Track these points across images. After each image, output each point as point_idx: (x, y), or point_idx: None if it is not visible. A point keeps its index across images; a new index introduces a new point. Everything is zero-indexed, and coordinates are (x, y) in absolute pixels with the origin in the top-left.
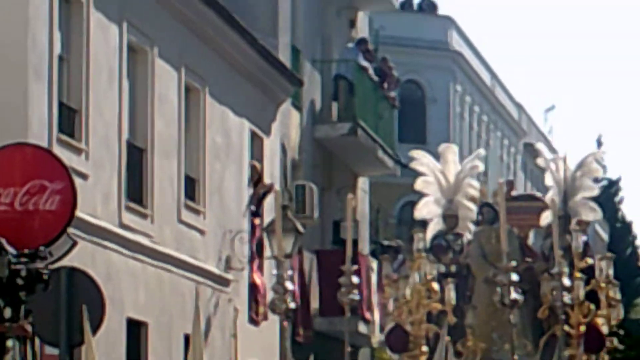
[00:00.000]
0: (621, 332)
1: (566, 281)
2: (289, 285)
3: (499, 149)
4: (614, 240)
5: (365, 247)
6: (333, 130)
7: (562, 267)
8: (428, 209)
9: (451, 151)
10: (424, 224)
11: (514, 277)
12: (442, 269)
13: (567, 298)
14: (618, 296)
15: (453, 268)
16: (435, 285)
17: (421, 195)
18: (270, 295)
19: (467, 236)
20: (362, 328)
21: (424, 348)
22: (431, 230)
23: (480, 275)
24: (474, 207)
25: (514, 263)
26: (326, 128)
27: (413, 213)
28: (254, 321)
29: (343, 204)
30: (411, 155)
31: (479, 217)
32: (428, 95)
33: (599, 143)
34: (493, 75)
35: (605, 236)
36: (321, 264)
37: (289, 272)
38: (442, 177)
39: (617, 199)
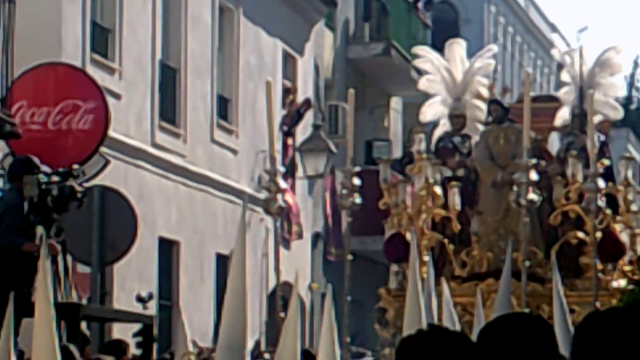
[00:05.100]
0: None
1: (601, 183)
2: (281, 183)
3: (532, 69)
4: None
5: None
6: (366, 51)
7: (596, 169)
8: (434, 110)
9: (458, 46)
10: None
11: (534, 175)
12: (448, 173)
13: (601, 201)
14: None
15: (460, 172)
16: (438, 190)
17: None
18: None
19: (476, 138)
20: None
21: (426, 258)
22: (438, 133)
23: (488, 179)
24: (483, 106)
25: (533, 161)
26: (359, 48)
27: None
28: (285, 240)
29: (376, 124)
30: (414, 52)
31: (488, 117)
32: (462, 17)
33: (636, 64)
34: None
35: None
36: None
37: (282, 169)
38: (448, 75)
39: None
